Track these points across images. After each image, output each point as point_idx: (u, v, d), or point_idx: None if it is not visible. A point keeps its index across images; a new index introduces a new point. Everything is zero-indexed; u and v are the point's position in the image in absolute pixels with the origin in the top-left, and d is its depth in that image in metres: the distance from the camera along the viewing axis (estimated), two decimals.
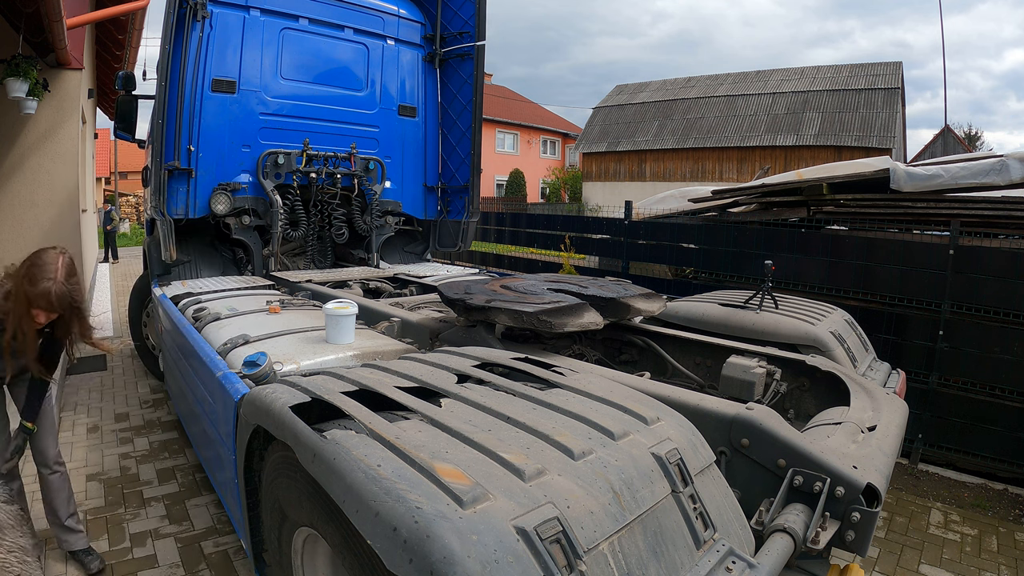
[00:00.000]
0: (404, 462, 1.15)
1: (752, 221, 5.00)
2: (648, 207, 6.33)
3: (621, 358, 2.82)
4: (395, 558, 0.98)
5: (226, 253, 4.61)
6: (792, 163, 17.67)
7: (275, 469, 1.58)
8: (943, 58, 64.59)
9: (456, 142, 5.08)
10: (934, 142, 17.12)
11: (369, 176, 4.77)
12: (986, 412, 3.77)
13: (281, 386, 1.61)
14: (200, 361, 2.35)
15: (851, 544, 1.45)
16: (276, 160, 4.31)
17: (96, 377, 5.11)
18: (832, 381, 2.27)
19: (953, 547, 3.03)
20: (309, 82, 4.48)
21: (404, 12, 4.88)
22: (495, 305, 2.28)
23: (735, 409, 1.69)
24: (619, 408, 1.46)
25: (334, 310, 2.40)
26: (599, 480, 1.16)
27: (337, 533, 1.30)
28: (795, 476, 1.53)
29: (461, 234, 5.13)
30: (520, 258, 7.19)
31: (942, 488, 3.69)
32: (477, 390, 1.54)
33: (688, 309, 2.99)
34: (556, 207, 24.65)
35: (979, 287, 3.77)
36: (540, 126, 32.16)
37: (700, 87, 22.79)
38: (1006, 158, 4.00)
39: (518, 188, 27.31)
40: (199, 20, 3.89)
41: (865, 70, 19.64)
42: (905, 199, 4.24)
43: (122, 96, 4.49)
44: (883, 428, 1.85)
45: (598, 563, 1.03)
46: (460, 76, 4.98)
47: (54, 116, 5.68)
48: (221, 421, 2.03)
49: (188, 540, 2.79)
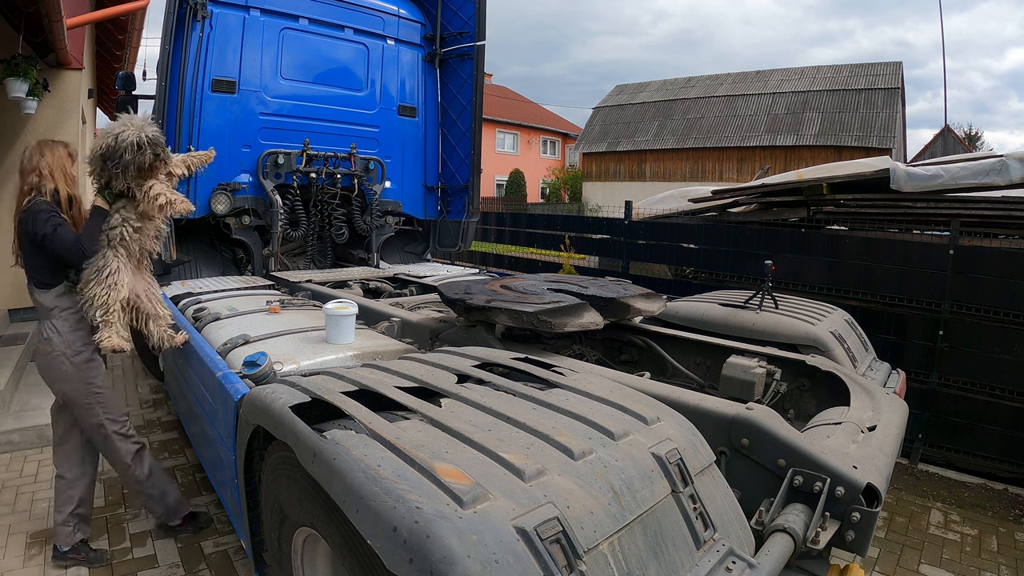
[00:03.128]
0: (404, 462, 1.15)
1: (752, 221, 5.00)
2: (648, 207, 6.32)
3: (621, 358, 2.82)
4: (395, 558, 0.98)
5: (226, 253, 4.61)
6: (792, 163, 17.67)
7: (275, 469, 1.58)
8: (943, 58, 64.63)
9: (456, 142, 5.08)
10: (934, 142, 17.15)
11: (369, 176, 4.77)
12: (986, 412, 3.77)
13: (281, 386, 1.61)
14: (200, 361, 2.35)
15: (851, 544, 1.45)
16: (276, 160, 4.31)
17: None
18: (832, 381, 2.27)
19: (953, 547, 3.03)
20: (309, 82, 4.48)
21: (404, 12, 4.88)
22: (495, 305, 2.28)
23: (735, 409, 1.69)
24: (619, 408, 1.46)
25: (334, 310, 2.40)
26: (599, 480, 1.16)
27: (337, 533, 1.30)
28: (795, 476, 1.53)
29: (461, 234, 5.13)
30: (520, 258, 7.19)
31: (942, 488, 3.69)
32: (477, 390, 1.54)
33: (688, 309, 2.99)
34: (556, 207, 24.66)
35: (979, 287, 3.77)
36: (540, 126, 32.17)
37: (700, 87, 22.80)
38: (1006, 158, 4.00)
39: (518, 188, 27.32)
40: (199, 20, 3.89)
41: (865, 70, 19.64)
42: (905, 199, 4.24)
43: (122, 96, 4.48)
44: (883, 428, 1.85)
45: (598, 563, 1.03)
46: (460, 76, 4.98)
47: (54, 116, 5.69)
48: (221, 421, 2.03)
49: (188, 540, 2.79)
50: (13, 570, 2.52)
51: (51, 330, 2.43)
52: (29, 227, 2.33)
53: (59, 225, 2.34)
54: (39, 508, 3.01)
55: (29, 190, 2.41)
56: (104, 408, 2.50)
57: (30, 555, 2.62)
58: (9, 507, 3.02)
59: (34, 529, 2.82)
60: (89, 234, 2.37)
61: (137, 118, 2.40)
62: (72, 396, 2.47)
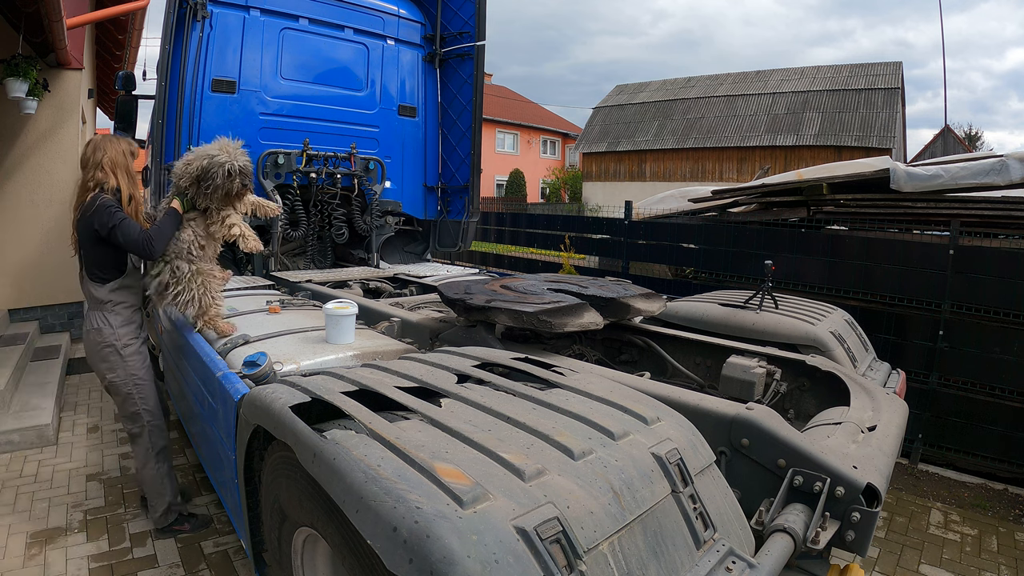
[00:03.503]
0: (404, 462, 1.15)
1: (752, 221, 5.00)
2: (648, 207, 6.32)
3: (621, 358, 2.82)
4: (395, 558, 0.98)
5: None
6: (792, 163, 17.67)
7: (275, 469, 1.58)
8: (943, 58, 64.62)
9: (456, 142, 5.08)
10: (934, 142, 17.14)
11: (369, 176, 4.76)
12: (986, 412, 3.77)
13: (281, 386, 1.61)
14: (200, 361, 2.35)
15: (851, 544, 1.45)
16: (276, 160, 4.30)
17: (96, 377, 5.11)
18: (832, 381, 2.27)
19: (953, 547, 3.03)
20: (309, 82, 4.48)
21: (404, 12, 4.88)
22: (495, 305, 2.28)
23: (735, 409, 1.69)
24: (619, 408, 1.46)
25: (334, 310, 2.40)
26: (599, 480, 1.16)
27: (337, 533, 1.30)
28: (795, 476, 1.53)
29: (461, 234, 5.12)
30: (520, 258, 7.19)
31: (942, 488, 3.69)
32: (477, 390, 1.54)
33: (688, 309, 2.99)
34: (556, 207, 24.66)
35: (979, 287, 3.77)
36: (540, 126, 32.16)
37: (700, 87, 22.79)
38: (1006, 158, 4.00)
39: (518, 188, 27.32)
40: (199, 20, 3.89)
41: (865, 70, 19.64)
42: (905, 199, 4.24)
43: (122, 96, 4.49)
44: (883, 428, 1.85)
45: (598, 563, 1.03)
46: (460, 76, 4.98)
47: (54, 116, 5.69)
48: (221, 421, 2.03)
49: (188, 540, 2.79)
50: (13, 570, 2.52)
51: (102, 321, 2.57)
52: (93, 221, 2.44)
53: (124, 219, 2.46)
54: (39, 508, 3.02)
55: (94, 186, 2.51)
56: (143, 399, 2.66)
57: (30, 555, 2.62)
58: (9, 507, 3.02)
59: (34, 529, 2.83)
60: (159, 233, 2.49)
61: (231, 144, 2.55)
62: (116, 385, 2.64)
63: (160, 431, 2.73)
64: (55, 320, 5.99)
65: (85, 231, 2.49)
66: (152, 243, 2.46)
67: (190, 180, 2.51)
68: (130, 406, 2.66)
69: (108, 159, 2.54)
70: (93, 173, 2.52)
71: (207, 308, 2.56)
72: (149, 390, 2.70)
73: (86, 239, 2.51)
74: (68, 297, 5.97)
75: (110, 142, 2.59)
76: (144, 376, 2.67)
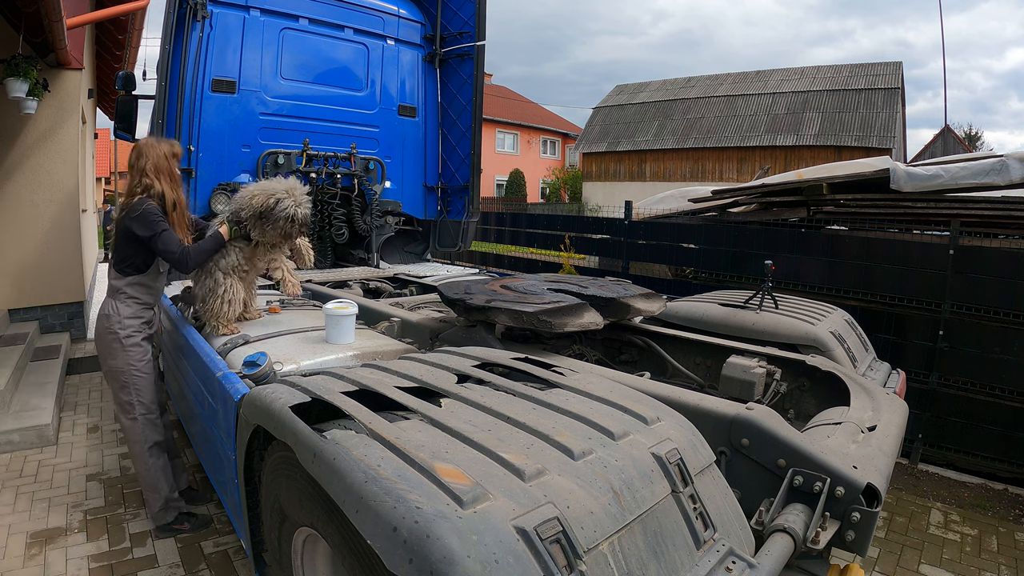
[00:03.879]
0: (404, 462, 1.15)
1: (752, 221, 5.00)
2: (648, 207, 6.32)
3: (621, 358, 2.82)
4: (395, 558, 0.98)
5: None
6: (792, 163, 17.67)
7: (275, 469, 1.58)
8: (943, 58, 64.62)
9: (456, 142, 5.08)
10: (934, 142, 17.14)
11: (369, 176, 4.77)
12: (986, 412, 3.77)
13: (281, 386, 1.61)
14: (200, 361, 2.35)
15: (851, 544, 1.45)
16: (276, 160, 4.31)
17: (96, 377, 5.11)
18: (832, 381, 2.27)
19: (953, 547, 3.03)
20: (309, 82, 4.48)
21: (404, 12, 4.88)
22: (495, 305, 2.28)
23: (735, 409, 1.69)
24: (619, 408, 1.46)
25: (334, 310, 2.40)
26: (599, 480, 1.16)
27: (337, 533, 1.30)
28: (795, 476, 1.53)
29: (461, 234, 5.13)
30: (520, 258, 7.19)
31: (942, 488, 3.69)
32: (477, 390, 1.54)
33: (688, 309, 2.99)
34: (556, 207, 24.65)
35: (979, 287, 3.77)
36: (540, 126, 32.16)
37: (700, 87, 22.79)
38: (1006, 158, 4.00)
39: (518, 188, 27.32)
40: (199, 20, 3.89)
41: (865, 70, 19.64)
42: (905, 199, 4.24)
43: (122, 96, 4.48)
44: (883, 428, 1.85)
45: (598, 563, 1.03)
46: (460, 76, 4.98)
47: (54, 116, 5.69)
48: (221, 421, 2.03)
49: (188, 540, 2.79)
50: (13, 570, 2.52)
51: (112, 308, 2.66)
52: (133, 225, 2.53)
53: (165, 230, 2.55)
54: (39, 508, 3.02)
55: (142, 191, 2.58)
56: (137, 391, 2.68)
57: (30, 555, 2.62)
58: (9, 507, 3.02)
59: (34, 529, 2.82)
60: (199, 252, 2.60)
61: (298, 188, 2.65)
62: (114, 371, 2.68)
63: (154, 426, 2.73)
64: (55, 320, 5.98)
65: (123, 230, 2.60)
66: (188, 260, 2.56)
67: (251, 212, 2.59)
68: (124, 395, 2.68)
69: (151, 165, 2.59)
70: (139, 179, 2.59)
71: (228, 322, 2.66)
72: (145, 383, 2.71)
73: (121, 236, 2.62)
74: (68, 297, 5.97)
75: (152, 146, 2.64)
76: (142, 369, 2.69)
